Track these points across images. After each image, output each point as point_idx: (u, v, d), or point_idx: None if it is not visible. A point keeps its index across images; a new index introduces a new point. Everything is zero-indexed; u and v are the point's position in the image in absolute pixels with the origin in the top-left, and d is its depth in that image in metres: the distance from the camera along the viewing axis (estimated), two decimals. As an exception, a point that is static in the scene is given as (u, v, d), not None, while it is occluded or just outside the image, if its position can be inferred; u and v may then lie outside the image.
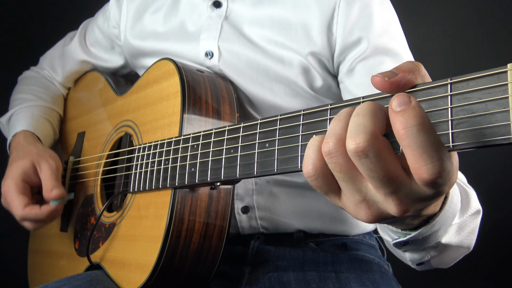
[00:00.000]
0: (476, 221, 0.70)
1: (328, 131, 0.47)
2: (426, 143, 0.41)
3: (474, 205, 0.70)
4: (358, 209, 0.48)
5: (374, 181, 0.45)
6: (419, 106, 0.41)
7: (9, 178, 0.98)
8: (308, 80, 0.94)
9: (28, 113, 1.15)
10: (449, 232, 0.65)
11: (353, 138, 0.43)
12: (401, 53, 0.91)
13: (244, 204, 0.96)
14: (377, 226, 0.76)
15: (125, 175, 0.92)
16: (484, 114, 0.41)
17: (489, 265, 1.69)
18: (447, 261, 0.71)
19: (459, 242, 0.67)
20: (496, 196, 1.57)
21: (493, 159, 1.69)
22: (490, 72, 0.41)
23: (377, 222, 0.49)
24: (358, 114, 0.44)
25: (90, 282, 0.86)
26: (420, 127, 0.41)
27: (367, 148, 0.43)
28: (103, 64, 1.22)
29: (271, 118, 0.60)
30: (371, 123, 0.43)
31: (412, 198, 0.45)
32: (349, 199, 0.48)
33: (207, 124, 0.84)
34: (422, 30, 1.73)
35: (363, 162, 0.43)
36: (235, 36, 0.97)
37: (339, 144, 0.45)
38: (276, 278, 0.91)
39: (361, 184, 0.47)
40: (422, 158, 0.41)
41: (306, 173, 0.48)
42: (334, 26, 0.91)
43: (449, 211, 0.59)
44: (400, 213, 0.46)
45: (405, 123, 0.41)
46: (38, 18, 1.83)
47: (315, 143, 0.48)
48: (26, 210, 0.95)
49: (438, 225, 0.58)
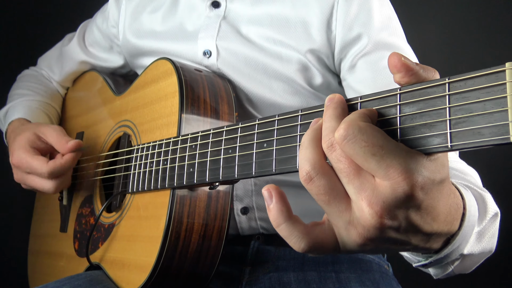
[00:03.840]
0: (495, 224, 0.68)
1: (301, 156, 0.49)
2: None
3: (491, 208, 0.67)
4: (349, 232, 0.48)
5: (343, 176, 0.46)
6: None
7: (16, 150, 0.97)
8: (307, 78, 0.94)
9: (25, 105, 1.15)
10: (470, 241, 0.62)
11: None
12: (402, 47, 0.91)
13: (243, 205, 0.96)
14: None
15: (124, 175, 0.92)
16: (482, 114, 0.41)
17: (492, 265, 1.68)
18: (469, 266, 0.68)
19: (481, 249, 0.65)
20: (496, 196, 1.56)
21: (493, 159, 1.68)
22: (488, 71, 0.41)
23: (372, 246, 0.48)
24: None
25: (90, 282, 0.86)
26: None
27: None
28: (102, 64, 1.22)
29: (269, 119, 0.60)
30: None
31: (382, 199, 0.44)
32: (337, 225, 0.48)
33: (206, 124, 0.84)
34: (421, 30, 1.72)
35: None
36: (233, 35, 0.97)
37: (318, 165, 0.47)
38: (276, 278, 0.91)
39: (342, 204, 0.47)
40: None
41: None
42: (334, 23, 0.91)
43: (468, 226, 0.57)
44: (376, 219, 0.45)
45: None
46: (38, 19, 1.83)
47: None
48: (51, 164, 0.93)
49: (459, 242, 0.57)
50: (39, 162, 0.94)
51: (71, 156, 0.95)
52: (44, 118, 1.16)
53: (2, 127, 1.21)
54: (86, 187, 1.05)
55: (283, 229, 0.49)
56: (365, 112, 0.47)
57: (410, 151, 0.44)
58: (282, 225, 0.49)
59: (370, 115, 0.47)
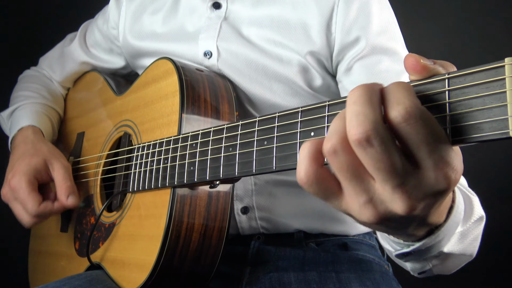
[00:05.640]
0: (479, 228, 0.68)
1: (329, 130, 0.45)
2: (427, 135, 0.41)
3: (477, 211, 0.67)
4: (364, 210, 0.45)
5: (380, 173, 0.42)
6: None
7: (19, 174, 0.97)
8: (307, 79, 0.94)
9: (32, 109, 1.15)
10: (452, 240, 0.63)
11: (355, 128, 0.41)
12: (399, 52, 0.91)
13: (243, 204, 0.96)
14: (378, 235, 0.74)
15: (124, 174, 0.92)
16: (482, 109, 0.41)
17: (491, 265, 1.68)
18: (449, 268, 0.69)
19: (461, 250, 0.65)
20: (495, 196, 1.57)
21: (492, 156, 1.68)
22: (488, 66, 0.41)
23: (381, 224, 0.46)
24: (355, 102, 0.43)
25: (91, 282, 0.86)
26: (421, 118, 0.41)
27: (371, 137, 0.41)
28: (103, 65, 1.23)
29: (269, 116, 0.60)
30: (370, 110, 0.42)
31: (420, 191, 0.43)
32: (354, 201, 0.46)
33: (206, 123, 0.84)
34: (421, 29, 1.73)
35: (368, 152, 0.41)
36: (234, 36, 0.97)
37: (344, 142, 0.43)
38: (276, 278, 0.91)
39: (368, 183, 0.44)
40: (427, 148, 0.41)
41: (299, 180, 0.46)
42: (333, 26, 0.91)
43: (453, 220, 0.57)
44: (407, 210, 0.44)
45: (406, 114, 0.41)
46: (39, 19, 1.83)
47: (305, 149, 0.46)
48: (42, 207, 0.95)
49: (442, 235, 0.56)
50: (33, 201, 0.95)
51: (62, 207, 0.96)
52: (46, 122, 1.16)
53: (5, 127, 1.21)
54: (86, 187, 1.05)
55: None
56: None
57: (449, 143, 0.43)
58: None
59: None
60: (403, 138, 0.42)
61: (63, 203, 0.96)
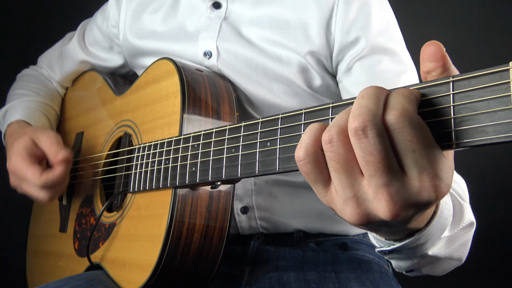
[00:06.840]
0: (468, 234, 0.68)
1: (332, 121, 0.46)
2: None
3: (467, 218, 0.68)
4: (346, 206, 0.47)
5: (369, 167, 0.44)
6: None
7: (13, 156, 0.97)
8: (306, 80, 0.95)
9: (24, 106, 1.15)
10: (438, 244, 0.63)
11: (356, 117, 0.43)
12: (399, 52, 0.92)
13: (243, 204, 0.96)
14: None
15: (124, 175, 0.92)
16: (486, 112, 0.42)
17: (490, 265, 1.69)
18: (438, 271, 0.70)
19: (448, 254, 0.66)
20: (495, 196, 1.57)
21: (492, 156, 1.69)
22: (492, 70, 0.42)
23: (362, 223, 0.47)
24: (362, 96, 0.45)
25: (91, 282, 0.86)
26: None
27: (368, 128, 0.42)
28: (102, 64, 1.22)
29: (273, 117, 0.60)
30: (374, 105, 0.44)
31: (403, 197, 0.44)
32: (339, 193, 0.47)
33: (207, 124, 0.84)
34: (421, 29, 1.73)
35: (362, 143, 0.43)
36: (234, 36, 0.97)
37: (341, 134, 0.45)
38: (276, 278, 0.91)
39: (355, 179, 0.46)
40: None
41: (296, 156, 0.47)
42: (333, 26, 0.91)
43: (437, 226, 0.58)
44: (390, 215, 0.44)
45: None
46: (38, 17, 1.83)
47: (312, 129, 0.48)
48: (44, 176, 0.94)
49: (424, 239, 0.57)
50: (33, 172, 0.94)
51: (62, 168, 0.95)
52: (43, 119, 1.16)
53: (1, 128, 1.20)
54: (86, 187, 1.05)
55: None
56: (417, 98, 0.45)
57: (442, 156, 0.44)
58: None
59: (418, 100, 0.45)
60: (393, 141, 0.43)
61: (57, 162, 0.95)
